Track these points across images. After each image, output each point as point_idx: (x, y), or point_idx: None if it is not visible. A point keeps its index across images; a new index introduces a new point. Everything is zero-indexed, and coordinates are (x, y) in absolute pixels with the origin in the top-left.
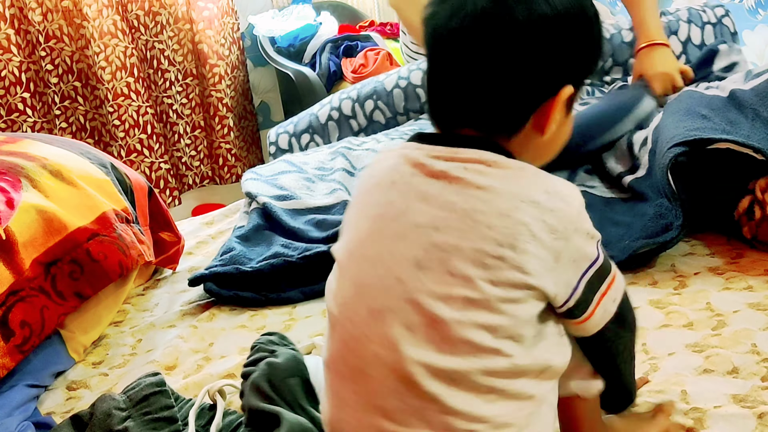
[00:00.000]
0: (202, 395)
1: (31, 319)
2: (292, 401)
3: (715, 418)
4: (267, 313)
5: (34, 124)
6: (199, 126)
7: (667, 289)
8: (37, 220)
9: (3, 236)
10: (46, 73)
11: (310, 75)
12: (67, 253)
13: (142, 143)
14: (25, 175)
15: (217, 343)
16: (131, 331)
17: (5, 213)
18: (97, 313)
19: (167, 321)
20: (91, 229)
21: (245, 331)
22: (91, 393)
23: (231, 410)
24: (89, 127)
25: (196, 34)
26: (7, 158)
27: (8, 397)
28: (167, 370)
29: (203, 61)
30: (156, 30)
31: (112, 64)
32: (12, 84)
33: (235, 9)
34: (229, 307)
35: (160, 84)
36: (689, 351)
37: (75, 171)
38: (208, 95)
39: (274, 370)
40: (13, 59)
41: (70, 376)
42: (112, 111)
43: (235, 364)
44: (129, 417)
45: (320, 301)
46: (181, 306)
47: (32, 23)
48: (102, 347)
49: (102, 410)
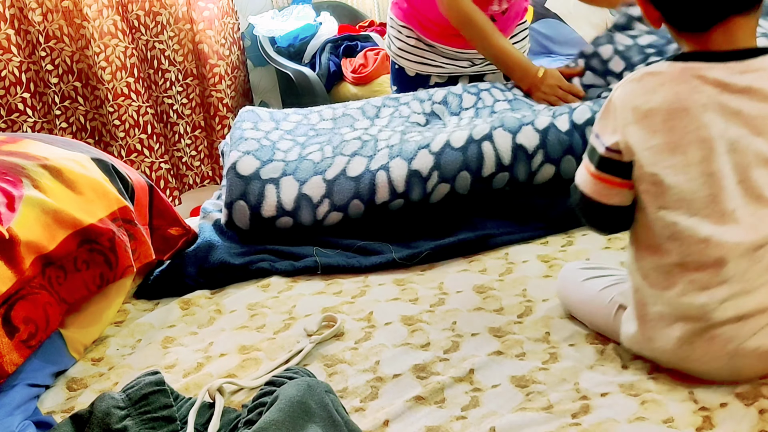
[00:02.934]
0: (202, 395)
1: (35, 315)
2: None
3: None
4: (267, 312)
5: (34, 124)
6: (199, 126)
7: None
8: (38, 220)
9: (6, 235)
10: (46, 73)
11: (310, 75)
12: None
13: (143, 143)
14: (26, 175)
15: (217, 342)
16: (131, 331)
17: (7, 213)
18: (97, 313)
19: (167, 320)
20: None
21: (245, 331)
22: (92, 392)
23: (230, 408)
24: (89, 127)
25: (196, 34)
26: (8, 158)
27: (9, 397)
28: (167, 369)
29: (203, 61)
30: (156, 30)
31: (113, 64)
32: (12, 84)
33: (235, 9)
34: (228, 307)
35: (161, 84)
36: None
37: (75, 171)
38: (209, 95)
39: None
40: (14, 59)
41: (70, 375)
42: (113, 111)
43: (234, 363)
44: (128, 416)
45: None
46: (181, 305)
47: (32, 23)
48: (102, 346)
49: (101, 409)
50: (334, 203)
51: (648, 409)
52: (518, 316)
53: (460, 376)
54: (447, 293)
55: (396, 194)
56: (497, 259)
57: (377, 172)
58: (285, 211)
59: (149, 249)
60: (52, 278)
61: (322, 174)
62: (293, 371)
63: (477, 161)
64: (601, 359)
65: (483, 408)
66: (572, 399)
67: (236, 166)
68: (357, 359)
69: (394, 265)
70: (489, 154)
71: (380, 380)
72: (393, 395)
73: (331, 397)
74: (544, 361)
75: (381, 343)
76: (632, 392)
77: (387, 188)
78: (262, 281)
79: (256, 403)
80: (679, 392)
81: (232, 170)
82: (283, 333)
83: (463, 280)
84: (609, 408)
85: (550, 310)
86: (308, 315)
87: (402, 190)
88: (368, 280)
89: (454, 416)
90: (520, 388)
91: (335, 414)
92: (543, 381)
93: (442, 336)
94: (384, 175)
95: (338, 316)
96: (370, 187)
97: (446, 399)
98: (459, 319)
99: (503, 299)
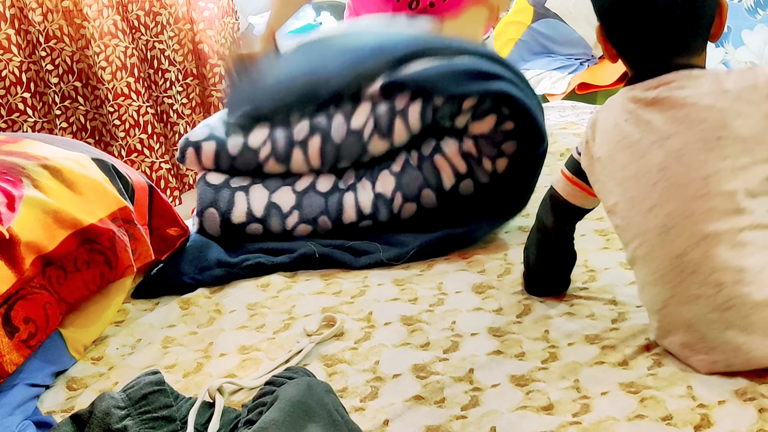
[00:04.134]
0: (202, 395)
1: (35, 315)
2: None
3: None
4: (266, 312)
5: (34, 124)
6: None
7: None
8: (38, 220)
9: (6, 235)
10: (46, 73)
11: None
12: (60, 257)
13: (143, 143)
14: (26, 175)
15: (217, 342)
16: (131, 331)
17: (7, 212)
18: (97, 312)
19: (167, 320)
20: (83, 235)
21: (245, 331)
22: (91, 392)
23: (230, 408)
24: (90, 127)
25: (196, 34)
26: (8, 158)
27: (9, 397)
28: (167, 369)
29: (204, 61)
30: (156, 30)
31: (113, 64)
32: (12, 84)
33: (236, 9)
34: (228, 307)
35: (161, 84)
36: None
37: (76, 171)
38: (209, 95)
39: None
40: (14, 59)
41: (70, 375)
42: (113, 111)
43: (234, 363)
44: (128, 416)
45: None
46: (181, 305)
47: (32, 23)
48: (102, 346)
49: (101, 409)
50: (304, 216)
51: (647, 407)
52: (517, 315)
53: (459, 376)
54: (446, 293)
55: (363, 216)
56: (496, 260)
57: (345, 192)
58: (255, 217)
59: (149, 249)
60: (52, 278)
61: (292, 185)
62: (293, 371)
63: (435, 176)
64: (600, 357)
65: (483, 407)
66: (572, 398)
67: (206, 176)
68: (357, 359)
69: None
70: (444, 166)
71: (380, 380)
72: (393, 395)
73: (331, 396)
74: (543, 360)
75: (381, 343)
76: (632, 390)
77: (354, 209)
78: (262, 280)
79: (256, 403)
80: (677, 388)
81: (202, 180)
82: (282, 333)
83: (462, 280)
84: (609, 406)
85: (549, 310)
86: (308, 315)
87: (369, 212)
88: (368, 280)
89: (454, 416)
90: (519, 388)
91: (335, 414)
92: (543, 380)
93: (442, 336)
94: (351, 196)
95: (338, 316)
96: (338, 207)
97: (446, 398)
98: (458, 318)
99: (502, 299)
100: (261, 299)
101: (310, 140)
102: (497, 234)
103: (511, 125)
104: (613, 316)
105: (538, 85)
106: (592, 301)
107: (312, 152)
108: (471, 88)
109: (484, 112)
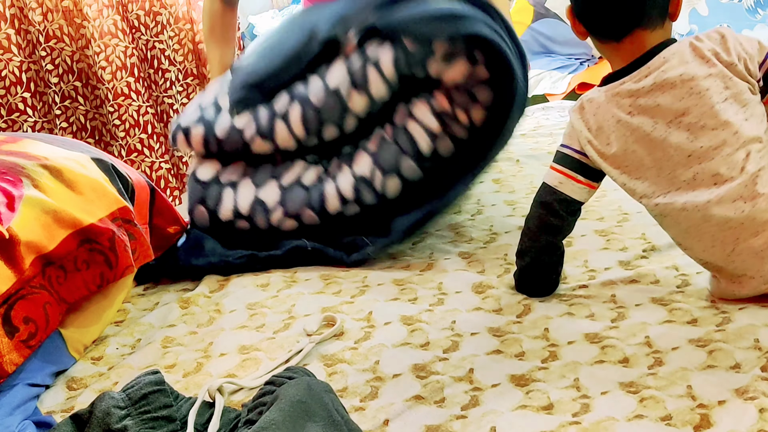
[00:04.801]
0: (202, 394)
1: (35, 315)
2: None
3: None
4: (266, 312)
5: (34, 124)
6: None
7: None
8: (38, 220)
9: (6, 235)
10: (46, 73)
11: None
12: (60, 257)
13: (143, 143)
14: (26, 175)
15: (217, 342)
16: (131, 330)
17: (7, 212)
18: (97, 312)
19: (167, 320)
20: (83, 235)
21: (245, 331)
22: (91, 392)
23: (230, 408)
24: (90, 127)
25: (196, 34)
26: (8, 158)
27: (9, 397)
28: (167, 369)
29: (204, 61)
30: (156, 30)
31: (113, 64)
32: (12, 84)
33: None
34: (228, 307)
35: (161, 84)
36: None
37: (75, 171)
38: None
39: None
40: (14, 59)
41: (70, 374)
42: (113, 111)
43: (234, 363)
44: (128, 415)
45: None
46: (180, 305)
47: (32, 23)
48: (102, 346)
49: (101, 409)
50: (287, 211)
51: (647, 407)
52: (517, 315)
53: (459, 376)
54: (446, 293)
55: (346, 201)
56: (496, 260)
57: (326, 182)
58: (241, 215)
59: (149, 249)
60: (52, 278)
61: (279, 180)
62: (293, 371)
63: (411, 144)
64: (600, 357)
65: (483, 407)
66: (572, 397)
67: (196, 171)
68: (357, 359)
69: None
70: (417, 129)
71: (380, 380)
72: (393, 395)
73: (331, 396)
74: (543, 360)
75: (381, 343)
76: (631, 389)
77: (336, 197)
78: (262, 280)
79: (256, 403)
80: (677, 388)
81: (192, 176)
82: (282, 333)
83: (462, 280)
84: (608, 406)
85: (548, 310)
86: (308, 315)
87: (352, 197)
88: (367, 280)
89: (454, 415)
90: (519, 387)
91: (335, 414)
92: (543, 379)
93: (442, 335)
94: (332, 185)
95: (338, 315)
96: (320, 197)
97: (446, 398)
98: (458, 318)
99: (502, 299)
100: (261, 299)
101: (291, 110)
102: (498, 234)
103: (484, 72)
104: (612, 315)
105: (538, 85)
106: (592, 300)
107: (294, 121)
108: (441, 29)
109: (454, 56)
